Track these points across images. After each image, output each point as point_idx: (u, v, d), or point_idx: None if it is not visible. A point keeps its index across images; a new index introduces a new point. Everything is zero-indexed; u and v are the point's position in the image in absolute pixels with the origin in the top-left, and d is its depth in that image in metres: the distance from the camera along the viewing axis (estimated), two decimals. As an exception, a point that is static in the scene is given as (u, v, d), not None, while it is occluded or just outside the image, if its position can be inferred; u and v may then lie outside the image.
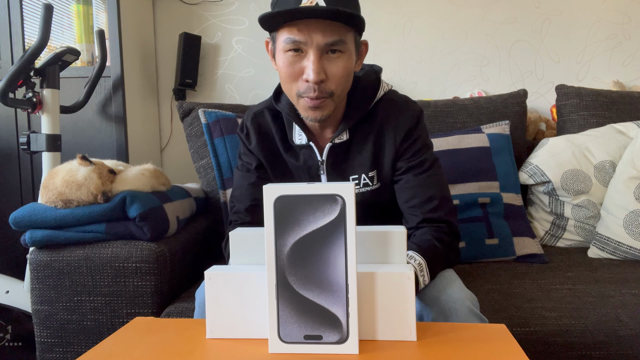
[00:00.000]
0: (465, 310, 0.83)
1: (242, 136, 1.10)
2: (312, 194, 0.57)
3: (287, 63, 0.92)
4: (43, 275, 1.21)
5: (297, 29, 0.88)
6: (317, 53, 0.89)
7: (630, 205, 1.48)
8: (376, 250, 0.66)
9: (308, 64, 0.89)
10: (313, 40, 0.88)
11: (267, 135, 1.07)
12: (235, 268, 0.65)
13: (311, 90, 0.91)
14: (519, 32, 2.07)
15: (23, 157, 1.83)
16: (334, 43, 0.89)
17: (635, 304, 1.14)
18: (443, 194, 1.01)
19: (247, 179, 1.08)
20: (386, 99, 1.04)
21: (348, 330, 0.58)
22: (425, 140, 1.04)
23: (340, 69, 0.91)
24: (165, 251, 1.23)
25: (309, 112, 0.95)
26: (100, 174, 1.20)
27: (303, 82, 0.92)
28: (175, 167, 2.15)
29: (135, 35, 1.96)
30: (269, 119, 1.08)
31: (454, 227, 1.00)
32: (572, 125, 1.79)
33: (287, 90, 0.96)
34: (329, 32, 0.88)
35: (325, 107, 0.94)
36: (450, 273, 0.96)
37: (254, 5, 2.11)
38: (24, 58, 1.45)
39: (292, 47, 0.90)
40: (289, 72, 0.92)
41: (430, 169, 1.01)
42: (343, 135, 1.01)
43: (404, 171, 1.02)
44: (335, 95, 0.94)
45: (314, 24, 0.88)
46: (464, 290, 0.88)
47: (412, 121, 1.02)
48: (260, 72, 2.13)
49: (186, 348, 0.61)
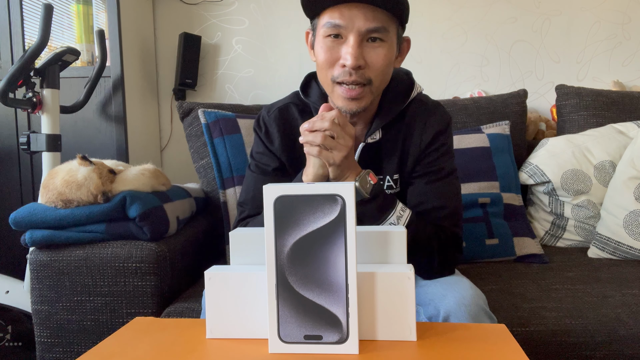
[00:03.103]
0: (477, 308, 0.82)
1: (260, 135, 1.03)
2: (312, 194, 0.57)
3: (326, 48, 0.89)
4: (43, 275, 1.21)
5: (339, 12, 0.86)
6: (358, 38, 0.86)
7: (630, 205, 1.48)
8: (376, 250, 0.66)
9: (347, 49, 0.86)
10: (354, 24, 0.86)
11: (292, 132, 1.00)
12: (235, 268, 0.65)
13: (347, 75, 0.87)
14: (519, 32, 2.07)
15: (23, 157, 1.83)
16: (375, 30, 0.86)
17: (635, 304, 1.14)
18: (455, 206, 0.97)
19: (262, 182, 0.98)
20: (418, 100, 1.01)
21: (348, 330, 0.58)
22: (450, 149, 1.01)
23: (381, 57, 0.88)
24: (165, 251, 1.23)
25: (345, 103, 0.90)
26: (100, 174, 1.20)
27: (339, 68, 0.88)
28: (175, 167, 2.15)
29: (135, 35, 1.96)
30: (296, 114, 1.02)
31: (458, 239, 0.97)
32: (572, 125, 1.79)
33: (323, 78, 0.93)
34: (371, 18, 0.86)
35: (363, 98, 0.90)
36: (458, 273, 0.95)
37: (254, 5, 2.11)
38: (24, 58, 1.45)
39: (332, 32, 0.87)
40: (326, 58, 0.89)
41: (446, 178, 0.98)
42: (376, 135, 0.97)
43: (420, 175, 0.98)
44: (374, 85, 0.90)
45: (356, 9, 0.85)
46: (473, 288, 0.87)
47: (441, 126, 0.99)
48: (260, 72, 2.13)
49: (186, 348, 0.61)
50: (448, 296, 0.84)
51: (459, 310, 0.81)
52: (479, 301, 0.84)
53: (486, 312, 0.84)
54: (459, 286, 0.86)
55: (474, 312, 0.81)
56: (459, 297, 0.83)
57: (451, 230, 0.95)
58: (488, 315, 0.84)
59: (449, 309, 0.82)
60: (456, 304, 0.82)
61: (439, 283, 0.90)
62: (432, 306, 0.85)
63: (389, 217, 0.88)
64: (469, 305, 0.82)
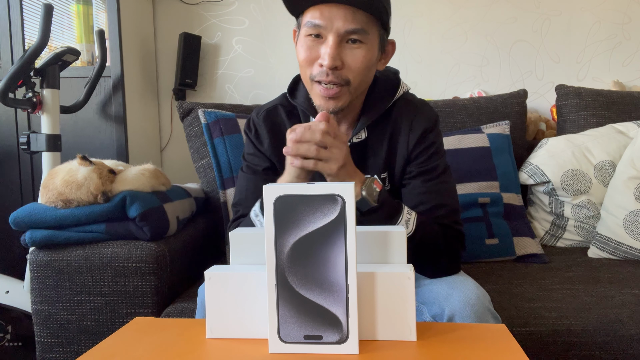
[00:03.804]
0: (482, 308, 0.82)
1: (250, 136, 1.05)
2: (312, 194, 0.57)
3: (306, 47, 0.90)
4: (43, 275, 1.21)
5: (320, 12, 0.87)
6: (337, 39, 0.87)
7: (630, 205, 1.48)
8: (376, 250, 0.66)
9: (326, 49, 0.88)
10: (333, 25, 0.87)
11: (280, 133, 1.02)
12: (235, 268, 0.65)
13: (324, 75, 0.88)
14: (519, 32, 2.07)
15: (23, 157, 1.83)
16: (354, 31, 0.87)
17: (635, 304, 1.14)
18: (452, 203, 0.97)
19: (254, 182, 1.01)
20: (404, 99, 1.02)
21: (348, 330, 0.58)
22: (439, 147, 1.01)
23: (359, 59, 0.89)
24: (165, 251, 1.23)
25: (323, 101, 0.91)
26: (100, 174, 1.20)
27: (317, 67, 0.89)
28: (175, 167, 2.15)
29: (135, 35, 1.96)
30: (284, 115, 1.04)
31: (461, 235, 0.97)
32: (572, 125, 1.79)
33: (303, 76, 0.94)
34: (350, 19, 0.86)
35: (341, 97, 0.91)
36: (462, 272, 0.95)
37: (254, 5, 2.11)
38: (24, 58, 1.45)
39: (312, 31, 0.89)
40: (305, 56, 0.90)
41: (441, 176, 0.98)
42: (361, 134, 0.98)
43: (414, 176, 0.98)
44: (352, 86, 0.91)
45: (337, 10, 0.86)
46: (478, 288, 0.87)
47: (428, 124, 0.99)
48: (260, 72, 2.13)
49: (186, 348, 0.61)
50: (453, 295, 0.84)
51: (464, 310, 0.81)
52: (485, 301, 0.84)
53: (491, 312, 0.84)
54: (464, 286, 0.86)
55: (479, 312, 0.81)
56: (465, 297, 0.83)
57: (454, 228, 0.96)
58: (493, 315, 0.84)
59: (454, 308, 0.82)
60: (462, 303, 0.82)
61: (444, 282, 0.89)
62: (436, 305, 0.85)
63: (397, 222, 0.88)
64: (474, 305, 0.81)
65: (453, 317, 0.81)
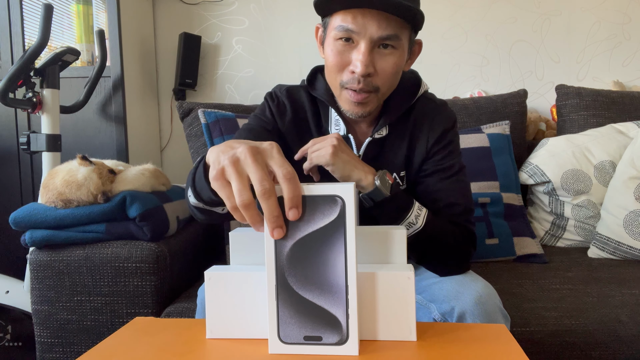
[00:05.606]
0: (493, 307, 0.82)
1: (271, 106, 1.01)
2: (311, 195, 0.57)
3: (336, 52, 0.87)
4: (43, 275, 1.21)
5: (352, 17, 0.84)
6: (369, 45, 0.85)
7: (630, 205, 1.47)
8: (376, 250, 0.66)
9: (358, 55, 0.85)
10: (367, 31, 0.84)
11: (302, 114, 1.00)
12: (235, 268, 0.65)
13: (355, 82, 0.87)
14: (519, 32, 2.07)
15: (23, 157, 1.84)
16: (388, 37, 0.85)
17: (635, 304, 1.14)
18: (466, 203, 0.97)
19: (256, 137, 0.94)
20: (425, 98, 1.01)
21: (348, 331, 0.58)
22: (456, 146, 1.00)
23: (390, 65, 0.87)
24: (165, 251, 1.23)
25: (352, 107, 0.90)
26: (100, 174, 1.20)
27: (349, 73, 0.87)
28: (175, 167, 2.15)
29: (135, 35, 1.96)
30: (306, 99, 1.01)
31: (473, 235, 0.96)
32: (572, 125, 1.79)
33: (331, 80, 0.92)
34: (384, 25, 0.84)
35: (369, 103, 0.90)
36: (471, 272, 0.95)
37: (254, 5, 2.11)
38: (24, 58, 1.45)
39: (343, 35, 0.85)
40: (336, 62, 0.88)
41: (457, 174, 0.98)
42: (382, 131, 0.97)
43: (429, 173, 0.97)
44: (381, 92, 0.90)
45: (370, 15, 0.83)
46: (488, 287, 0.86)
47: (447, 124, 0.98)
48: (260, 72, 2.13)
49: (186, 348, 0.61)
50: (464, 293, 0.83)
51: (475, 308, 0.80)
52: (495, 300, 0.83)
53: (502, 310, 0.83)
54: (475, 284, 0.86)
55: (490, 310, 0.81)
56: (476, 295, 0.82)
57: (466, 227, 0.95)
58: (503, 315, 0.84)
59: (465, 306, 0.81)
60: (473, 301, 0.81)
61: (454, 280, 0.89)
62: (446, 303, 0.84)
63: (407, 216, 0.87)
64: (485, 303, 0.81)
65: (464, 314, 0.81)
